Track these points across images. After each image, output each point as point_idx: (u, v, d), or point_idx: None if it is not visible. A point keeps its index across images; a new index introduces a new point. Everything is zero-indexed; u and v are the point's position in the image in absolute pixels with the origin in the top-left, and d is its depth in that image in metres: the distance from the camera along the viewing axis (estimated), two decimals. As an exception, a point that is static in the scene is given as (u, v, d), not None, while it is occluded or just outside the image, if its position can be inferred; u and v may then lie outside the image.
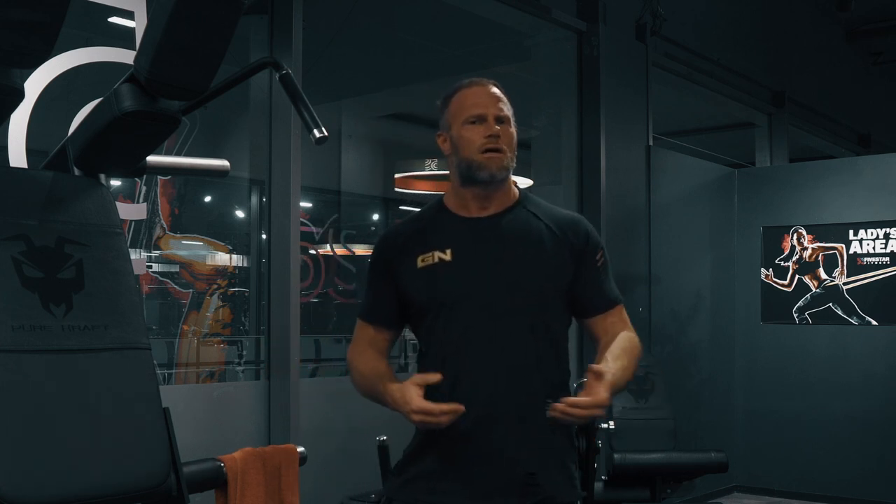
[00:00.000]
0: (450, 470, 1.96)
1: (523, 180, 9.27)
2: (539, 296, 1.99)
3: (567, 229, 2.05)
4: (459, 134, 1.99)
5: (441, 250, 2.00)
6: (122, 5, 3.03)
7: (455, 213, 2.05)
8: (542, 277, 1.99)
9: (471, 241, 2.01)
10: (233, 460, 2.76)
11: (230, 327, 4.84)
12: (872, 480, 5.83)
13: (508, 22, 5.26)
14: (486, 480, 1.94)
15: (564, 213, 2.11)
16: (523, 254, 2.00)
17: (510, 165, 2.00)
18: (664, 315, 5.76)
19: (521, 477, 1.94)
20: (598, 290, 2.07)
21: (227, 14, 1.84)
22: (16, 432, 1.71)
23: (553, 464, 1.98)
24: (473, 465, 1.94)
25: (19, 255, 1.83)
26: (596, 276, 2.07)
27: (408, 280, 2.02)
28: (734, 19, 7.01)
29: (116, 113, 1.88)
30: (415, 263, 2.01)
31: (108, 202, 2.04)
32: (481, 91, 2.01)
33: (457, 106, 2.01)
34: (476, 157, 1.97)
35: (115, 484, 1.81)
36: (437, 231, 2.03)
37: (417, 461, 2.02)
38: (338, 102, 7.93)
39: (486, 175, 1.97)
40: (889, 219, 5.91)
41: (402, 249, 2.04)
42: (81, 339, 1.85)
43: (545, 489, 1.95)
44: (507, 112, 2.01)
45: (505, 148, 1.98)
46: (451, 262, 1.99)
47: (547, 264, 2.00)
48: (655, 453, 4.32)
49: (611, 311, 2.08)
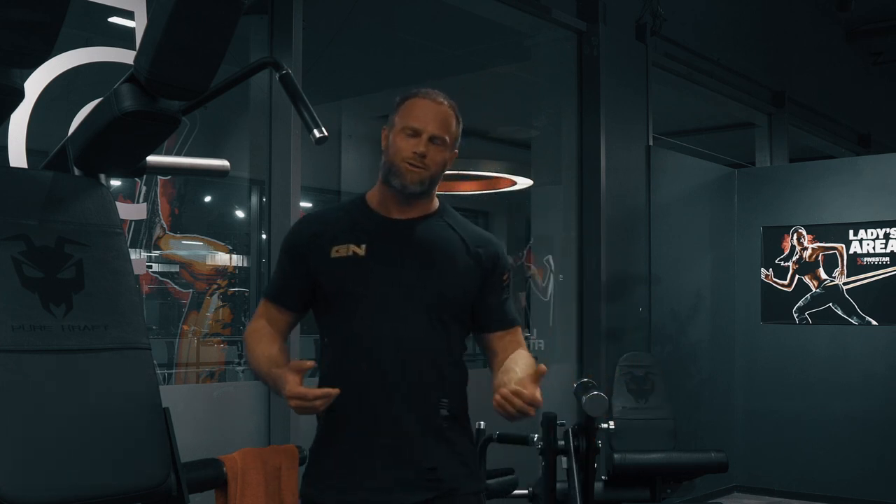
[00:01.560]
0: (352, 467, 2.01)
1: (523, 180, 9.29)
2: (443, 301, 2.05)
3: (479, 246, 2.12)
4: (394, 138, 2.04)
5: (356, 244, 2.05)
6: (122, 5, 3.03)
7: (375, 210, 2.10)
8: (448, 284, 2.06)
9: (386, 240, 2.06)
10: (233, 460, 2.76)
11: (230, 327, 4.84)
12: (872, 480, 5.83)
13: (508, 22, 5.26)
14: (388, 476, 1.99)
15: (479, 231, 2.18)
16: (434, 260, 2.06)
17: (427, 183, 2.04)
18: (664, 315, 5.76)
19: (423, 472, 2.00)
20: (499, 309, 2.13)
21: (227, 14, 1.84)
22: (16, 432, 1.71)
23: (453, 458, 2.05)
24: (375, 461, 2.00)
25: (19, 255, 1.83)
26: (500, 296, 2.13)
27: (319, 268, 2.06)
28: (734, 19, 7.01)
29: (116, 113, 1.88)
30: (328, 252, 2.05)
31: (108, 202, 2.04)
32: (430, 107, 2.05)
33: (403, 112, 2.06)
34: (398, 164, 2.02)
35: (115, 484, 1.81)
36: (355, 226, 2.08)
37: (322, 459, 2.07)
38: (338, 102, 7.93)
39: (399, 184, 2.03)
40: (889, 219, 5.91)
41: (318, 237, 2.08)
42: (81, 339, 1.85)
43: (446, 483, 2.02)
44: (446, 137, 2.05)
45: (427, 167, 2.03)
46: (364, 258, 2.03)
47: (456, 275, 2.07)
48: (655, 453, 4.32)
49: (510, 330, 2.14)
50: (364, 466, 2.00)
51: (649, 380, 4.68)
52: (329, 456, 2.05)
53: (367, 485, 1.99)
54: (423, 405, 2.02)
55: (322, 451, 2.08)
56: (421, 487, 2.00)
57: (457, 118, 2.08)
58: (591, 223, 5.26)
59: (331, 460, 2.04)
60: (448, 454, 2.04)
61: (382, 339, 2.01)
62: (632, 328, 5.44)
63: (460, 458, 2.07)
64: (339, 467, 2.03)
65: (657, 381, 4.68)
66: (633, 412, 4.56)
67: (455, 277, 2.06)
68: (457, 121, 2.08)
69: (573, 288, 5.25)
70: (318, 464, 2.08)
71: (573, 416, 4.01)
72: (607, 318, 5.17)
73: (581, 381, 3.10)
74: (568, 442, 3.04)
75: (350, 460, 2.02)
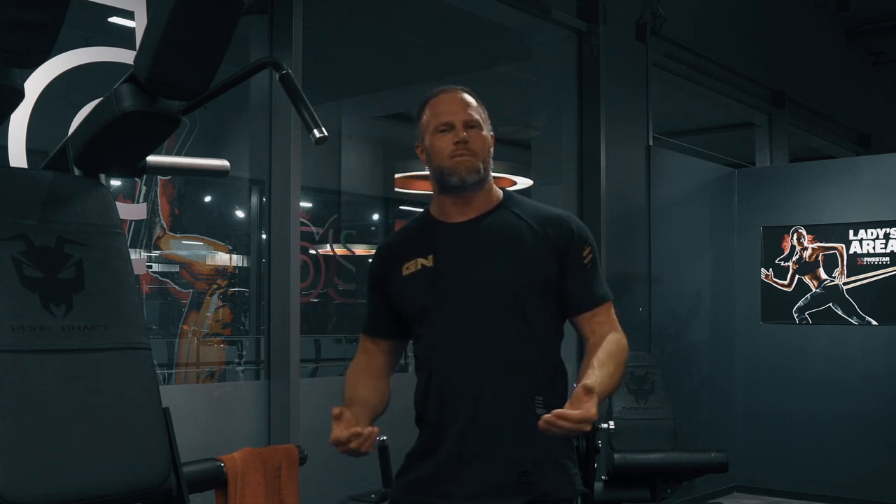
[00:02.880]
0: (445, 471, 1.99)
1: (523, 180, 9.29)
2: (518, 295, 1.99)
3: (549, 226, 2.04)
4: (431, 143, 2.03)
5: (424, 257, 2.04)
6: (122, 5, 3.03)
7: (438, 219, 2.09)
8: (520, 277, 2.00)
9: (452, 246, 2.04)
10: (233, 460, 2.76)
11: (230, 327, 4.84)
12: (872, 480, 5.83)
13: (508, 22, 5.26)
14: (480, 481, 1.96)
15: (550, 211, 2.10)
16: (502, 255, 2.02)
17: (481, 168, 2.02)
18: (664, 315, 5.76)
19: (515, 476, 1.96)
20: (584, 288, 2.05)
21: (227, 14, 1.84)
22: (16, 432, 1.71)
23: (547, 461, 1.99)
24: (467, 467, 1.97)
25: (19, 255, 1.83)
26: (581, 273, 2.05)
27: (395, 289, 2.07)
28: (734, 19, 7.01)
29: (116, 113, 1.88)
30: (401, 272, 2.05)
31: (108, 202, 2.04)
32: (450, 98, 2.05)
33: (428, 116, 2.05)
34: (446, 164, 2.00)
35: (115, 484, 1.81)
36: (421, 239, 2.07)
37: (417, 464, 2.05)
38: (338, 102, 7.93)
39: (457, 180, 2.00)
40: (889, 219, 5.91)
41: (391, 260, 2.09)
42: (81, 339, 1.85)
43: (540, 487, 1.96)
44: (478, 117, 2.04)
45: (475, 152, 2.01)
46: (433, 268, 2.02)
47: (526, 263, 2.01)
48: (655, 453, 4.32)
49: (597, 309, 2.06)
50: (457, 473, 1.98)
51: (649, 380, 4.67)
52: (424, 462, 2.03)
53: (459, 490, 1.97)
54: (516, 405, 1.97)
55: (418, 458, 2.05)
56: (513, 491, 1.95)
57: (478, 101, 2.08)
58: (591, 223, 5.25)
59: (425, 466, 2.02)
60: (542, 456, 1.98)
61: (465, 345, 1.98)
62: (632, 328, 5.43)
63: (556, 461, 2.00)
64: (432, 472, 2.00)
65: (657, 381, 4.68)
66: (633, 412, 4.56)
67: (527, 267, 2.00)
68: (480, 103, 2.08)
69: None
70: (412, 469, 2.05)
71: (573, 416, 4.01)
72: (607, 318, 5.16)
73: (581, 381, 3.09)
74: (568, 442, 3.03)
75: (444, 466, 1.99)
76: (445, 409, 1.99)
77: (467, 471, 1.97)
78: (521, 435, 1.96)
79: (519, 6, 4.96)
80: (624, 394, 4.60)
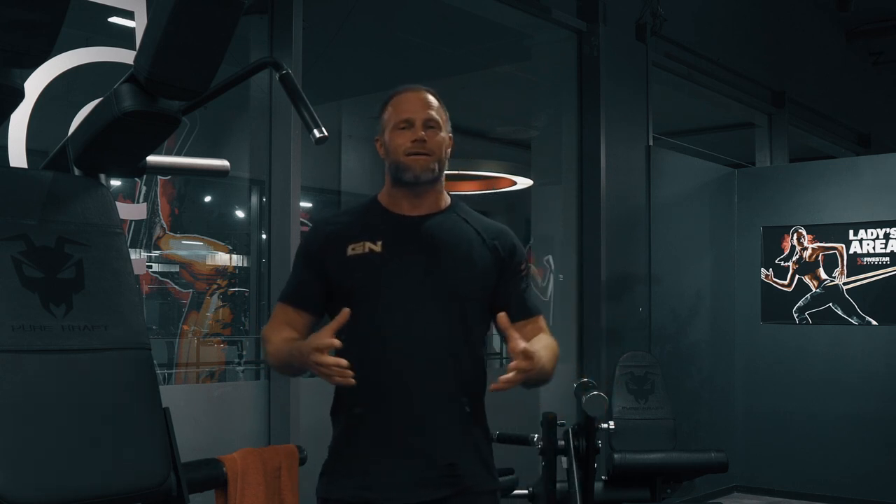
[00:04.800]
0: (372, 464, 2.02)
1: (523, 180, 9.29)
2: (461, 295, 2.05)
3: (495, 238, 2.13)
4: (390, 138, 2.07)
5: (372, 241, 2.06)
6: (122, 5, 3.03)
7: (388, 209, 2.11)
8: (466, 279, 2.06)
9: (401, 236, 2.07)
10: (233, 460, 2.76)
11: (230, 327, 4.84)
12: (872, 480, 5.83)
13: (508, 22, 5.26)
14: (407, 473, 2.00)
15: (493, 224, 2.18)
16: (451, 254, 2.07)
17: (436, 168, 2.07)
18: (664, 315, 5.76)
19: (441, 468, 2.00)
20: (519, 300, 2.13)
21: (227, 14, 1.84)
22: (16, 432, 1.71)
23: (471, 455, 2.05)
24: (394, 458, 2.00)
25: (19, 255, 1.83)
26: (518, 286, 2.13)
27: (337, 267, 2.07)
28: (734, 19, 7.01)
29: (116, 113, 1.88)
30: (345, 251, 2.06)
31: (108, 202, 2.04)
32: (413, 97, 2.09)
33: (390, 112, 2.09)
34: (402, 160, 2.05)
35: (115, 484, 1.81)
36: (370, 224, 2.10)
37: (341, 457, 2.07)
38: (338, 102, 7.92)
39: (411, 176, 2.05)
40: (889, 219, 5.91)
41: (333, 238, 2.10)
42: (81, 339, 1.85)
43: (464, 480, 2.02)
44: (438, 117, 2.08)
45: (431, 151, 2.05)
46: (381, 254, 2.05)
47: (472, 267, 2.07)
48: (655, 453, 4.32)
49: (531, 319, 2.14)
50: (383, 463, 2.01)
51: (649, 380, 4.67)
52: (348, 453, 2.05)
53: (385, 481, 2.00)
54: (443, 401, 2.02)
55: (341, 449, 2.08)
56: (439, 484, 2.00)
57: (440, 102, 2.12)
58: (591, 223, 5.26)
59: (349, 457, 2.05)
60: (467, 450, 2.05)
61: (401, 335, 2.01)
62: (632, 328, 5.44)
63: (479, 454, 2.07)
64: (357, 464, 2.03)
65: (657, 381, 4.68)
66: (633, 412, 4.56)
67: (473, 271, 2.07)
68: (441, 104, 2.12)
69: (573, 288, 5.25)
70: (337, 461, 2.08)
71: (573, 416, 4.01)
72: (607, 318, 5.17)
73: (581, 381, 3.10)
74: (568, 442, 3.04)
75: (369, 457, 2.02)
76: (373, 399, 2.00)
77: (394, 463, 2.00)
78: (448, 430, 2.02)
79: (519, 6, 4.96)
80: (624, 394, 4.60)
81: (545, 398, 4.42)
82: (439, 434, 2.02)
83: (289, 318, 2.12)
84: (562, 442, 3.04)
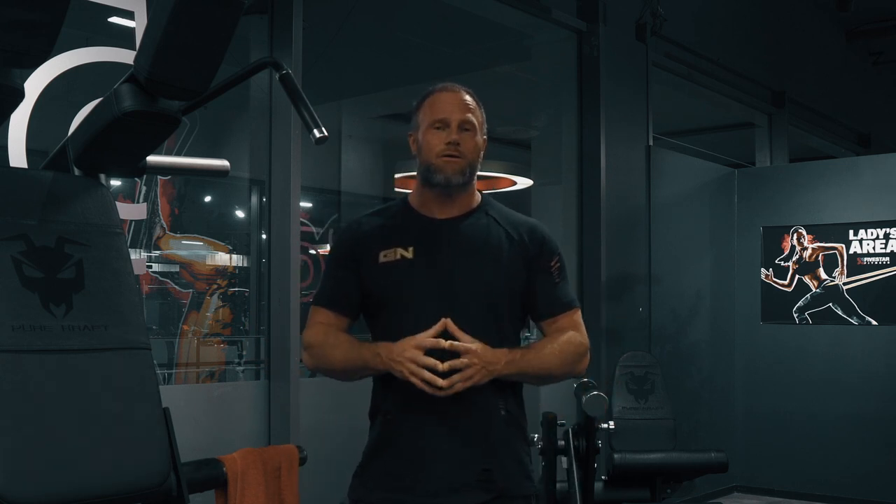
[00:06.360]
0: (407, 468, 2.00)
1: (523, 180, 9.29)
2: (492, 298, 2.04)
3: (524, 234, 2.10)
4: (424, 137, 2.06)
5: (404, 248, 2.05)
6: (122, 5, 3.03)
7: (419, 212, 2.10)
8: (496, 281, 2.05)
9: (432, 242, 2.06)
10: (233, 460, 2.76)
11: (230, 327, 4.85)
12: (872, 480, 5.83)
13: (508, 22, 5.26)
14: (443, 478, 1.98)
15: (523, 219, 2.16)
16: (481, 257, 2.05)
17: (468, 171, 2.05)
18: (664, 315, 5.76)
19: (477, 473, 1.99)
20: (550, 295, 2.11)
21: (227, 14, 1.84)
22: (16, 432, 1.71)
23: (507, 459, 2.03)
24: (430, 463, 1.99)
25: (19, 255, 1.83)
26: (548, 281, 2.11)
27: (369, 273, 2.06)
28: (734, 19, 7.01)
29: (116, 113, 1.87)
30: (377, 258, 2.06)
31: (108, 202, 2.04)
32: (451, 97, 2.07)
33: (426, 109, 2.08)
34: (434, 161, 2.04)
35: (115, 484, 1.81)
36: (401, 229, 2.08)
37: (376, 461, 2.06)
38: (338, 102, 7.92)
39: (442, 178, 2.03)
40: (889, 219, 5.91)
41: (365, 242, 2.09)
42: (81, 339, 1.85)
43: (500, 484, 2.00)
44: (474, 120, 2.07)
45: (464, 154, 2.04)
46: (413, 261, 2.04)
47: (502, 268, 2.06)
48: (655, 453, 4.32)
49: (563, 315, 2.12)
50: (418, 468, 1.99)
51: (649, 380, 4.67)
52: (383, 458, 2.04)
53: (421, 487, 1.98)
54: (479, 405, 2.00)
55: (376, 454, 2.06)
56: (475, 489, 1.98)
57: (478, 103, 2.10)
58: (591, 223, 5.26)
59: (384, 462, 2.03)
60: (503, 454, 2.03)
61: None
62: (632, 328, 5.44)
63: (516, 458, 2.05)
64: (391, 468, 2.02)
65: (657, 381, 4.68)
66: (633, 412, 4.56)
67: (503, 271, 2.05)
68: (479, 105, 2.10)
69: (573, 288, 5.25)
70: (372, 465, 2.06)
71: (573, 416, 4.02)
72: (607, 318, 5.17)
73: (581, 381, 3.10)
74: (568, 442, 3.04)
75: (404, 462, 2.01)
76: (409, 403, 1.99)
77: (429, 467, 1.99)
78: (483, 433, 2.00)
79: (519, 6, 4.96)
80: (624, 394, 4.60)
81: (545, 398, 4.42)
82: (475, 438, 2.00)
83: (328, 321, 2.10)
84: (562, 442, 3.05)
